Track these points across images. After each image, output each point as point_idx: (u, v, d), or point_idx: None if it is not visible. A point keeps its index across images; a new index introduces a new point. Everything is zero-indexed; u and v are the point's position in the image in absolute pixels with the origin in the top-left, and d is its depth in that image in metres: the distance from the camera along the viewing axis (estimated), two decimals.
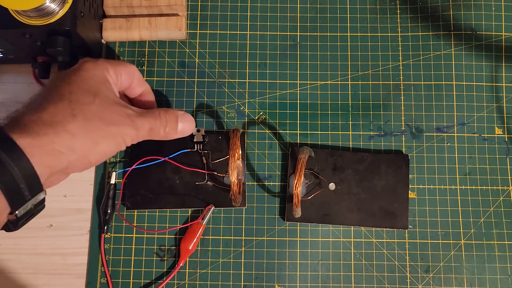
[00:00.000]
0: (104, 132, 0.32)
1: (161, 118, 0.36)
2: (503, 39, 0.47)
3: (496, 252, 0.43)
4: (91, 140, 0.31)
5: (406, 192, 0.43)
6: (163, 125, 0.36)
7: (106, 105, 0.33)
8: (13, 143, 0.27)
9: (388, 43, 0.47)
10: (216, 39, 0.47)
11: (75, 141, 0.30)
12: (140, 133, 0.34)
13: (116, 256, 0.42)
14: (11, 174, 0.27)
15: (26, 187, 0.28)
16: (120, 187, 0.43)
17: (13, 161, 0.27)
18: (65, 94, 0.31)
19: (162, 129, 0.36)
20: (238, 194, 0.40)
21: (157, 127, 0.36)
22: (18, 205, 0.28)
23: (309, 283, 0.42)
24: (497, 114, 0.45)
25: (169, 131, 0.37)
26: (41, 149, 0.29)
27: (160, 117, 0.36)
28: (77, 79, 0.33)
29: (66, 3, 0.38)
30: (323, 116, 0.45)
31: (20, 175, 0.27)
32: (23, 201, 0.28)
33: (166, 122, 0.36)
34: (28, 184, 0.28)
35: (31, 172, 0.28)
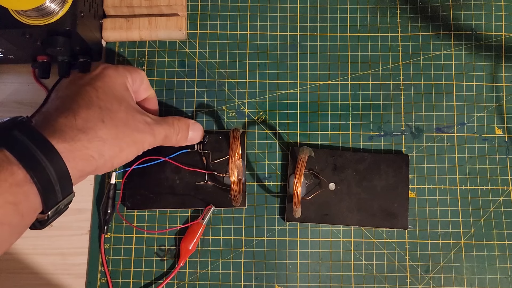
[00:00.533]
0: (129, 139, 0.34)
1: (175, 127, 0.38)
2: (503, 39, 0.47)
3: (496, 252, 0.43)
4: (117, 145, 0.33)
5: (406, 192, 0.43)
6: (176, 133, 0.38)
7: (130, 113, 0.35)
8: (52, 148, 0.29)
9: (388, 43, 0.47)
10: (216, 39, 0.47)
11: (105, 146, 0.32)
12: (157, 140, 0.37)
13: (116, 256, 0.42)
14: (48, 176, 0.28)
15: (60, 189, 0.29)
16: (120, 187, 0.43)
17: (51, 164, 0.28)
18: (94, 100, 0.33)
19: (175, 137, 0.38)
20: (238, 194, 0.40)
21: (171, 135, 0.38)
22: (51, 205, 0.29)
23: (309, 283, 0.42)
24: (497, 114, 0.45)
25: (180, 139, 0.39)
26: (75, 154, 0.30)
27: (174, 125, 0.38)
28: (103, 85, 0.35)
29: (66, 3, 0.38)
30: (323, 116, 0.45)
31: (56, 178, 0.29)
32: (56, 202, 0.30)
33: (179, 130, 0.38)
34: (61, 186, 0.29)
35: (65, 175, 0.29)
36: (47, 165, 0.28)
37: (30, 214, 0.29)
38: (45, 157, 0.28)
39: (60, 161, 0.29)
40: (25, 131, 0.29)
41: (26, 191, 0.27)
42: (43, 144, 0.29)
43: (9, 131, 0.28)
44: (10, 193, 0.27)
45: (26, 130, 0.29)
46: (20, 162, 0.27)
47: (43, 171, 0.28)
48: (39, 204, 0.29)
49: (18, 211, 0.27)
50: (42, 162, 0.28)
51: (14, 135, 0.28)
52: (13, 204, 0.27)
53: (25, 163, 0.27)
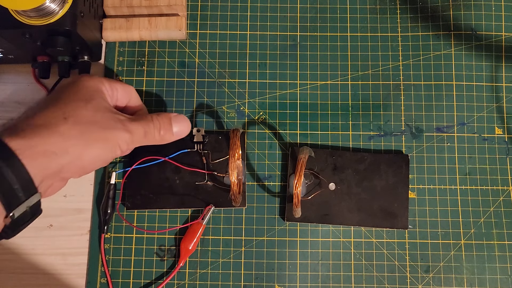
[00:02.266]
0: (96, 135, 0.32)
1: (154, 122, 0.36)
2: (503, 39, 0.47)
3: (496, 252, 0.43)
4: (83, 142, 0.32)
5: (406, 192, 0.43)
6: (156, 128, 0.36)
7: (98, 111, 0.34)
8: (5, 145, 0.28)
9: (388, 43, 0.47)
10: (216, 39, 0.47)
11: (67, 142, 0.31)
12: (134, 137, 0.35)
13: (116, 256, 0.42)
14: (4, 176, 0.27)
15: (20, 188, 0.28)
16: (120, 187, 0.43)
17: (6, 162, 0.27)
18: (59, 100, 0.33)
19: (157, 133, 0.36)
20: (238, 194, 0.40)
21: (151, 130, 0.36)
22: (13, 206, 0.28)
23: (309, 283, 0.42)
24: (497, 114, 0.45)
25: (164, 134, 0.37)
26: (33, 150, 0.29)
27: (153, 121, 0.36)
28: (71, 88, 0.34)
29: (66, 3, 0.38)
30: (323, 116, 0.45)
31: (14, 177, 0.28)
32: (18, 202, 0.29)
33: (160, 125, 0.37)
34: (22, 186, 0.28)
35: (24, 174, 0.28)
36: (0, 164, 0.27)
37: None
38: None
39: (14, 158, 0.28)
40: None
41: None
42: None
43: None
44: None
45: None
46: None
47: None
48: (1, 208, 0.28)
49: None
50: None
51: None
52: None
53: None
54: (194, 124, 0.45)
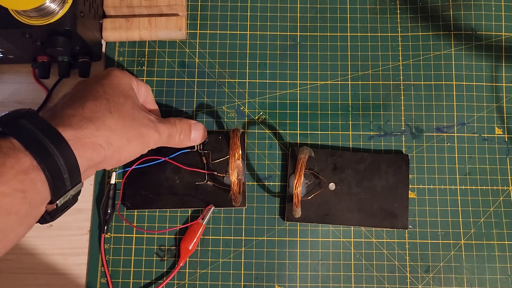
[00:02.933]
0: (136, 131, 0.34)
1: (177, 126, 0.38)
2: (503, 39, 0.47)
3: (496, 252, 0.43)
4: (125, 136, 0.33)
5: (406, 192, 0.43)
6: (178, 132, 0.38)
7: (135, 108, 0.35)
8: (59, 135, 0.29)
9: (388, 43, 0.47)
10: (216, 39, 0.47)
11: (113, 136, 0.32)
12: (161, 138, 0.37)
13: (116, 256, 0.42)
14: (58, 166, 0.28)
15: (68, 178, 0.29)
16: (120, 187, 0.43)
17: (59, 151, 0.28)
18: (100, 94, 0.34)
19: (178, 136, 0.39)
20: (238, 194, 0.40)
21: (174, 133, 0.38)
22: (60, 194, 0.29)
23: (309, 283, 0.42)
24: (497, 114, 0.45)
25: (183, 139, 0.39)
26: (83, 141, 0.30)
27: (176, 125, 0.38)
28: (109, 82, 0.35)
29: (66, 3, 0.38)
30: (323, 116, 0.45)
31: (65, 166, 0.28)
32: (65, 191, 0.29)
33: (181, 130, 0.39)
34: (70, 175, 0.29)
35: (73, 163, 0.29)
36: (54, 152, 0.28)
37: (38, 204, 0.28)
38: (52, 144, 0.28)
39: (68, 148, 0.29)
40: (32, 120, 0.29)
41: (33, 178, 0.27)
42: (50, 132, 0.28)
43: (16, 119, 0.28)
44: (17, 180, 0.26)
45: (33, 119, 0.29)
46: (27, 149, 0.27)
47: (51, 158, 0.28)
48: (47, 193, 0.28)
49: (26, 199, 0.27)
50: (49, 149, 0.28)
51: (21, 123, 0.28)
52: (20, 192, 0.26)
53: (32, 150, 0.27)
54: None
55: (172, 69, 0.46)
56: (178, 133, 0.39)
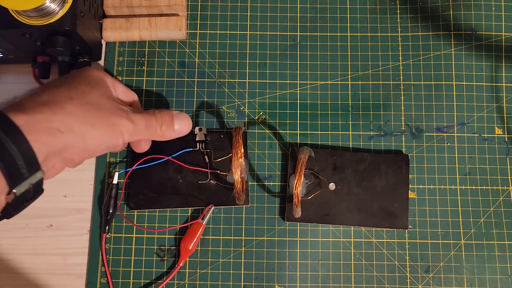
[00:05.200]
0: (101, 118, 0.33)
1: (156, 116, 0.37)
2: (503, 39, 0.47)
3: (496, 252, 0.43)
4: (88, 122, 0.32)
5: (406, 192, 0.43)
6: (159, 122, 0.37)
7: (103, 97, 0.34)
8: (9, 121, 0.28)
9: (388, 43, 0.47)
10: (216, 39, 0.47)
11: (72, 121, 0.31)
12: (137, 128, 0.35)
13: (116, 256, 0.42)
14: (9, 151, 0.27)
15: (24, 164, 0.28)
16: (122, 187, 0.43)
17: (10, 138, 0.27)
18: (63, 82, 0.33)
19: (159, 128, 0.37)
20: (242, 192, 0.40)
21: (153, 124, 0.36)
22: (16, 182, 0.28)
23: (309, 283, 0.42)
24: (497, 114, 0.45)
25: (166, 130, 0.37)
26: (38, 126, 0.29)
27: (155, 115, 0.37)
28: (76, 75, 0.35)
29: (66, 3, 0.38)
30: (323, 116, 0.45)
31: (18, 152, 0.27)
32: (21, 179, 0.28)
33: (162, 120, 0.37)
34: (25, 161, 0.28)
35: (28, 149, 0.28)
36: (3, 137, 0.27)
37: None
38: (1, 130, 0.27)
39: (19, 133, 0.27)
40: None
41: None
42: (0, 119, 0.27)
43: None
44: None
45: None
46: None
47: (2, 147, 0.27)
48: (4, 183, 0.27)
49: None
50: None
51: None
52: None
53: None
54: (195, 124, 0.45)
55: (172, 69, 0.46)
56: (158, 124, 0.37)
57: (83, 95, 0.33)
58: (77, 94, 0.32)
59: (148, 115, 0.36)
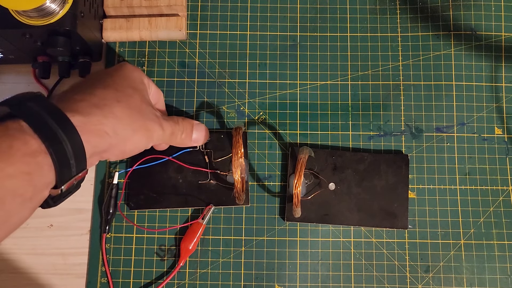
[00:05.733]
0: (142, 123, 0.34)
1: (180, 124, 0.38)
2: (503, 39, 0.47)
3: (495, 252, 0.43)
4: (131, 127, 0.33)
5: (406, 192, 0.43)
6: (180, 131, 0.38)
7: (143, 101, 0.35)
8: (68, 120, 0.28)
9: (388, 43, 0.47)
10: (216, 39, 0.47)
11: (119, 125, 0.32)
12: (165, 134, 0.37)
13: (117, 256, 0.42)
14: (64, 150, 0.28)
15: (75, 163, 0.29)
16: (122, 186, 0.43)
17: (66, 136, 0.28)
18: (110, 83, 0.34)
19: (179, 135, 0.39)
20: (242, 192, 0.40)
21: (176, 132, 0.38)
22: (65, 180, 0.29)
23: (309, 283, 0.42)
24: (497, 114, 0.45)
25: (185, 138, 0.39)
26: (90, 128, 0.30)
27: (179, 123, 0.38)
28: (120, 74, 0.36)
29: (67, 3, 0.38)
30: (323, 116, 0.45)
31: (72, 152, 0.28)
32: (70, 177, 0.29)
33: (183, 129, 0.39)
34: (76, 160, 0.29)
35: (80, 149, 0.29)
36: (62, 136, 0.28)
37: (43, 188, 0.28)
38: (61, 128, 0.28)
39: (75, 134, 0.28)
40: (40, 103, 0.29)
41: (40, 161, 0.27)
42: (59, 116, 0.28)
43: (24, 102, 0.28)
44: (23, 162, 0.26)
45: (41, 103, 0.29)
46: (35, 132, 0.27)
47: (58, 142, 0.27)
48: (53, 178, 0.28)
49: (31, 182, 0.27)
50: (57, 133, 0.27)
51: (29, 106, 0.28)
52: (26, 174, 0.26)
53: (40, 133, 0.27)
54: None
55: (172, 69, 0.46)
56: (180, 132, 0.39)
57: (128, 98, 0.34)
58: (123, 97, 0.33)
59: (174, 123, 0.38)
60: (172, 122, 0.38)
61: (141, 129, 0.34)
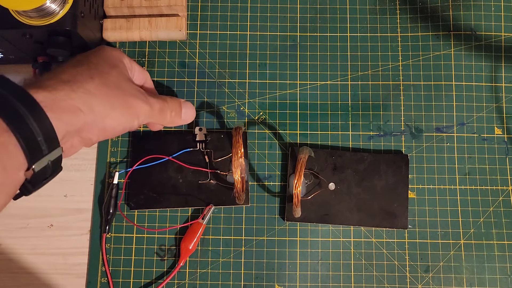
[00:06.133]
0: (122, 100, 0.33)
1: (168, 102, 0.38)
2: (502, 39, 0.47)
3: (495, 252, 0.43)
4: (108, 103, 0.32)
5: (406, 192, 0.43)
6: (169, 108, 0.38)
7: (121, 78, 0.34)
8: (30, 97, 0.28)
9: (388, 44, 0.47)
10: (216, 40, 0.47)
11: (93, 100, 0.31)
12: (152, 111, 0.36)
13: (117, 256, 0.42)
14: (29, 127, 0.27)
15: (44, 141, 0.28)
16: (122, 186, 0.43)
17: (30, 112, 0.27)
18: (83, 62, 0.33)
19: (169, 113, 0.38)
20: (242, 192, 0.40)
21: (166, 109, 0.38)
22: (36, 159, 0.28)
23: (309, 282, 0.42)
24: (497, 114, 0.45)
25: (175, 116, 0.39)
26: (59, 103, 0.29)
27: (167, 101, 0.38)
28: (95, 53, 0.35)
29: (67, 4, 0.38)
30: (323, 116, 0.45)
31: (38, 128, 0.27)
32: (41, 155, 0.28)
33: (172, 107, 0.38)
34: (45, 138, 0.28)
35: (47, 126, 0.28)
36: (25, 113, 0.27)
37: (14, 170, 0.27)
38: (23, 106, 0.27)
39: (39, 110, 0.27)
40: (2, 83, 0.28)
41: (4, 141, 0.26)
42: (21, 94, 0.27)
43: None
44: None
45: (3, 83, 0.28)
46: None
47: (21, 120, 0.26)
48: (22, 158, 0.27)
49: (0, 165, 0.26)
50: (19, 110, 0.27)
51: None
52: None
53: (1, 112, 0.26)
54: (195, 124, 0.45)
55: (172, 69, 0.46)
56: (169, 110, 0.38)
57: (103, 75, 0.33)
58: (97, 74, 0.33)
59: (162, 100, 0.37)
60: (160, 99, 0.37)
61: (122, 105, 0.33)
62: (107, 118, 0.32)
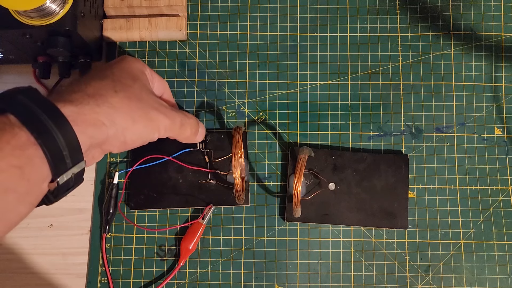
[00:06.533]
0: (142, 112, 0.33)
1: (189, 118, 0.38)
2: (502, 39, 0.47)
3: (495, 252, 0.43)
4: (130, 116, 0.32)
5: (406, 192, 0.43)
6: (190, 125, 0.38)
7: (144, 91, 0.35)
8: (58, 111, 0.28)
9: (388, 43, 0.47)
10: (216, 40, 0.47)
11: (116, 114, 0.31)
12: (173, 125, 0.36)
13: (117, 256, 0.42)
14: (56, 141, 0.27)
15: (69, 155, 0.28)
16: (122, 186, 0.43)
17: (57, 126, 0.27)
18: (107, 75, 0.33)
19: (189, 129, 0.38)
20: (242, 192, 0.40)
21: (186, 125, 0.37)
22: (60, 172, 0.28)
23: (309, 282, 0.42)
24: (497, 114, 0.45)
25: (193, 134, 0.39)
26: (84, 117, 0.29)
27: (188, 117, 0.38)
28: (119, 65, 0.35)
29: (67, 4, 0.38)
30: (323, 116, 0.45)
31: (64, 142, 0.28)
32: (65, 169, 0.28)
33: (192, 123, 0.38)
34: (70, 151, 0.28)
35: (73, 139, 0.28)
36: (52, 127, 0.27)
37: (38, 182, 0.27)
38: (50, 119, 0.27)
39: (66, 124, 0.28)
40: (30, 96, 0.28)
41: (30, 154, 0.26)
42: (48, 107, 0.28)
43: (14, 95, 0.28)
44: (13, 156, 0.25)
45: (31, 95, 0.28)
46: (23, 124, 0.26)
47: (48, 133, 0.27)
48: (47, 170, 0.27)
49: (24, 176, 0.26)
50: (46, 124, 0.27)
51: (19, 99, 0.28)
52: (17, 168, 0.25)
53: (28, 125, 0.26)
54: None
55: (172, 69, 0.46)
56: (189, 126, 0.38)
57: (126, 88, 0.33)
58: (120, 87, 0.33)
59: (183, 115, 0.37)
60: (182, 114, 0.37)
61: (143, 118, 0.33)
62: (128, 131, 0.33)
